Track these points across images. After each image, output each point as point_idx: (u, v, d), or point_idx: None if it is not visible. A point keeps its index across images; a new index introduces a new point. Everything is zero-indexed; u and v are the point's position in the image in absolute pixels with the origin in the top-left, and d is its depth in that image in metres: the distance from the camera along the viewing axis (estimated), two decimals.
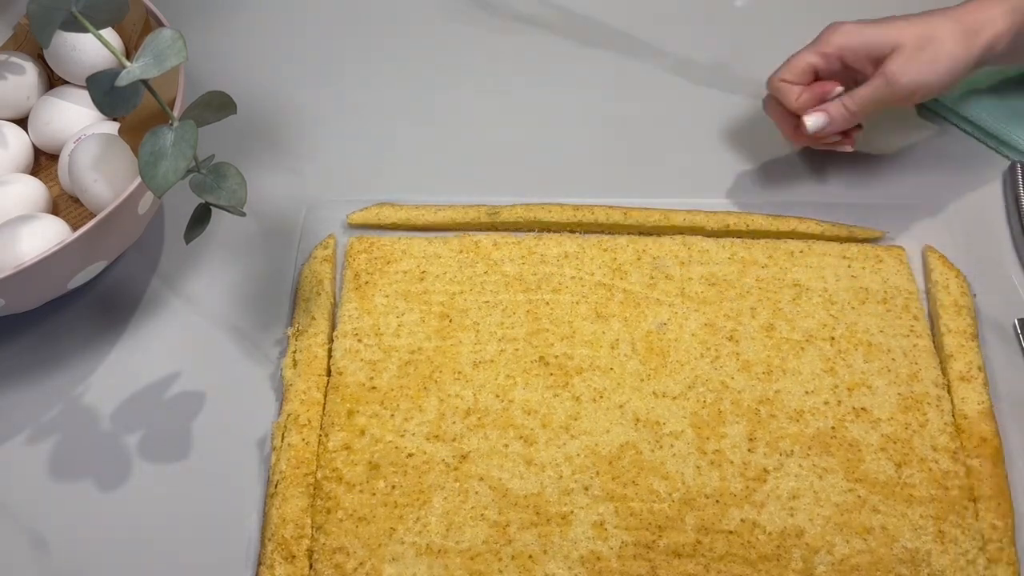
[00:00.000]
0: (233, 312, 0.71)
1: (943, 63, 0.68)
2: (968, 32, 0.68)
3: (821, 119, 0.71)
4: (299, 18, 0.89)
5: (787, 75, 0.72)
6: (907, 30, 0.68)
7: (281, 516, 0.61)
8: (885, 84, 0.68)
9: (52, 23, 0.59)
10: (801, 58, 0.72)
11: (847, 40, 0.70)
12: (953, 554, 0.59)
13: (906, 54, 0.68)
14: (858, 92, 0.70)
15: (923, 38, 0.68)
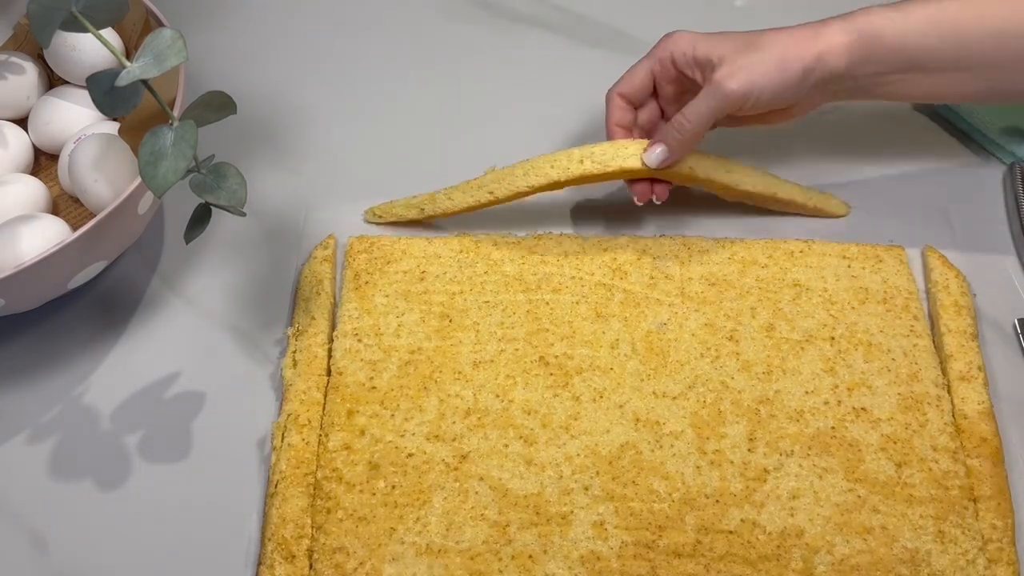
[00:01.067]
0: (233, 312, 0.71)
1: (770, 64, 0.65)
2: (800, 40, 0.65)
3: (659, 151, 0.67)
4: (299, 18, 0.89)
5: (624, 87, 0.71)
6: (736, 39, 0.67)
7: (281, 516, 0.61)
8: (713, 92, 0.65)
9: (52, 23, 0.59)
10: (639, 67, 0.70)
11: (679, 46, 0.68)
12: (953, 554, 0.59)
13: (731, 59, 0.65)
14: (689, 106, 0.67)
15: (749, 44, 0.66)
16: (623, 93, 0.71)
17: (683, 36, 0.68)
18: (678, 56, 0.68)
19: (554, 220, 0.74)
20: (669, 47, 0.69)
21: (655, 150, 0.67)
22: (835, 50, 0.65)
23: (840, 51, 0.65)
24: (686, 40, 0.68)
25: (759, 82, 0.65)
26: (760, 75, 0.65)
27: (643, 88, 0.70)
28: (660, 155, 0.67)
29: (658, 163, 0.67)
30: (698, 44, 0.67)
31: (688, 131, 0.66)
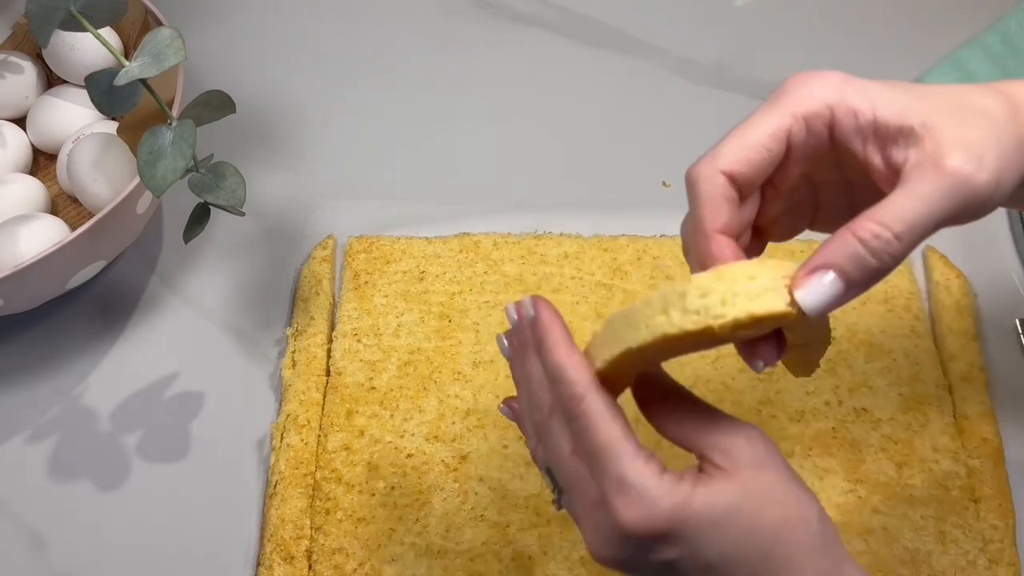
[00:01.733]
0: (232, 312, 0.71)
1: (1011, 136, 0.40)
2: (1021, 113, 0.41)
3: (829, 282, 0.38)
4: (299, 17, 0.89)
5: (736, 161, 0.41)
6: (935, 94, 0.41)
7: (280, 517, 0.61)
8: (947, 182, 0.38)
9: (51, 22, 0.59)
10: (757, 127, 0.42)
11: (841, 99, 0.41)
12: (954, 555, 0.59)
13: (947, 128, 0.39)
14: (890, 206, 0.38)
15: (963, 107, 0.41)
16: (734, 173, 0.41)
17: (836, 80, 0.42)
18: (842, 117, 0.41)
19: (554, 220, 0.74)
20: (819, 98, 0.41)
21: (821, 280, 0.38)
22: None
23: None
24: (851, 90, 0.41)
25: (1007, 166, 0.40)
26: (1005, 154, 0.40)
27: (765, 164, 0.42)
28: (833, 289, 0.38)
29: (828, 303, 0.38)
30: (878, 99, 0.41)
31: (893, 248, 0.38)
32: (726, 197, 0.41)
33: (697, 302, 0.39)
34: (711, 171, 0.41)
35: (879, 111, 0.40)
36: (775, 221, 0.46)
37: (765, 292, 0.38)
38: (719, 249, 0.42)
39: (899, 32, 0.85)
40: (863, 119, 0.40)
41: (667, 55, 0.85)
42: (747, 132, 0.41)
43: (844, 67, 0.82)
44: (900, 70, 0.82)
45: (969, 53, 0.80)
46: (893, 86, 0.41)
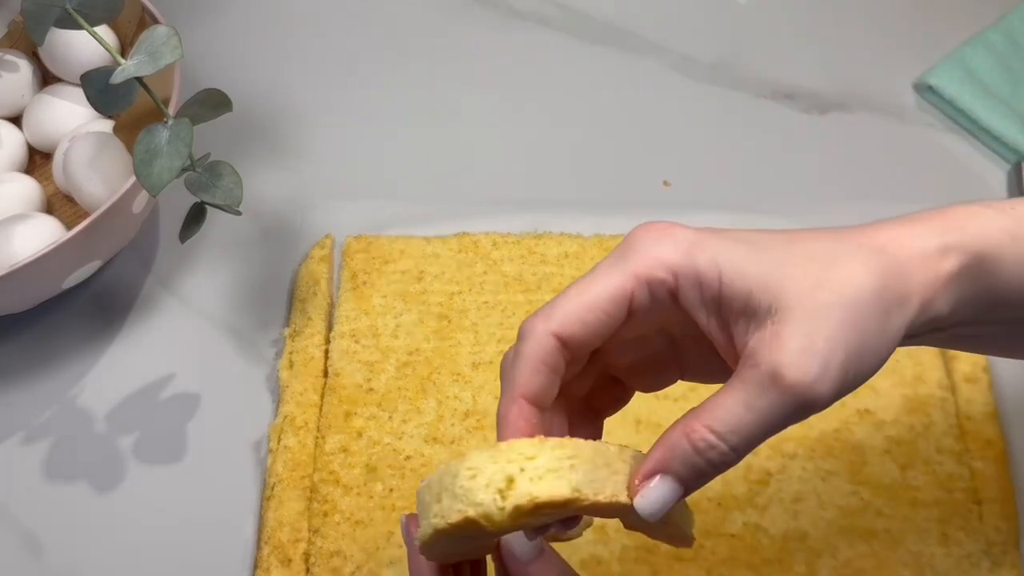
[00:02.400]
0: (229, 312, 0.71)
1: (867, 322, 0.37)
2: (893, 269, 0.38)
3: (665, 489, 0.37)
4: (297, 15, 0.89)
5: (565, 319, 0.38)
6: (792, 256, 0.37)
7: (277, 519, 0.60)
8: (784, 392, 0.35)
9: (47, 20, 0.59)
10: (602, 284, 0.38)
11: (690, 263, 0.37)
12: (957, 557, 0.59)
13: (798, 309, 0.36)
14: (723, 406, 0.36)
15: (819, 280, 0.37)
16: (566, 336, 0.38)
17: (685, 243, 0.38)
18: (685, 287, 0.38)
19: (554, 220, 0.74)
20: (664, 261, 0.38)
21: (657, 488, 0.37)
22: (941, 287, 0.39)
23: (947, 288, 0.39)
24: (700, 255, 0.38)
25: (852, 361, 0.36)
26: (855, 348, 0.36)
27: (602, 329, 0.38)
28: (669, 494, 0.37)
29: (665, 507, 0.37)
30: (727, 269, 0.37)
31: (728, 457, 0.36)
32: (550, 364, 0.38)
33: (467, 484, 0.35)
34: (542, 332, 0.38)
35: (725, 285, 0.37)
36: (633, 370, 0.43)
37: (547, 474, 0.35)
38: (515, 418, 0.38)
39: (902, 30, 0.85)
40: (707, 293, 0.37)
41: (669, 53, 0.85)
42: (586, 290, 0.38)
43: (846, 66, 0.83)
44: (903, 69, 0.82)
45: (972, 51, 0.80)
46: (749, 249, 0.37)
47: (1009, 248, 0.39)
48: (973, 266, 0.39)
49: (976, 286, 0.39)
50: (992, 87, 0.79)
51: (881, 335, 0.37)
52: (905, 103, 0.81)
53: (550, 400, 0.39)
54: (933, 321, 0.39)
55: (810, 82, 0.82)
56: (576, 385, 0.42)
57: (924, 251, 0.38)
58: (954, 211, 0.40)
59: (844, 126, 0.80)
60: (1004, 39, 0.81)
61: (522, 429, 0.38)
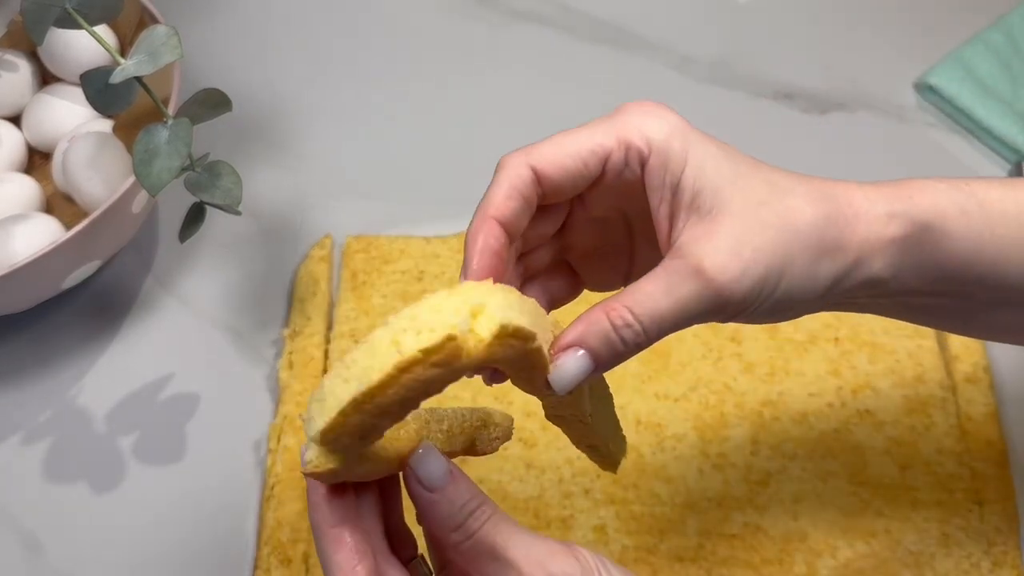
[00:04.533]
0: (228, 312, 0.71)
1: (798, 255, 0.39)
2: (835, 222, 0.40)
3: (580, 364, 0.38)
4: (296, 15, 0.89)
5: (546, 157, 0.40)
6: (752, 180, 0.40)
7: (277, 519, 0.60)
8: (698, 282, 0.38)
9: (46, 20, 0.59)
10: (586, 136, 0.41)
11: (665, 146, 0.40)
12: (957, 557, 0.59)
13: (736, 219, 0.39)
14: (642, 289, 0.38)
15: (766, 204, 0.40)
16: (544, 173, 0.40)
17: (669, 126, 0.40)
18: (653, 164, 0.40)
19: None
20: (646, 134, 0.40)
21: (571, 360, 0.38)
22: (881, 248, 0.41)
23: (887, 250, 0.41)
24: (676, 143, 0.40)
25: (771, 278, 0.39)
26: (777, 267, 0.39)
27: (578, 177, 0.41)
28: (582, 366, 0.38)
29: (577, 379, 0.39)
30: (693, 163, 0.40)
31: (641, 339, 0.39)
32: (524, 193, 0.40)
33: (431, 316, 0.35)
34: (520, 162, 0.40)
35: (684, 176, 0.39)
36: (588, 261, 0.44)
37: (508, 310, 0.35)
38: (485, 237, 0.40)
39: (902, 30, 0.85)
40: (668, 177, 0.39)
41: (669, 53, 0.85)
42: (570, 138, 0.40)
43: (846, 66, 0.83)
44: (903, 68, 0.82)
45: (973, 51, 0.80)
46: (719, 155, 0.40)
47: (957, 221, 0.41)
48: (917, 234, 0.41)
49: (920, 255, 0.41)
50: (992, 87, 0.79)
51: (808, 270, 0.39)
52: (905, 103, 0.81)
53: (519, 230, 0.41)
54: (872, 282, 0.41)
55: (810, 82, 0.82)
56: (535, 259, 0.44)
57: (871, 212, 0.41)
58: (908, 183, 0.42)
59: (844, 126, 0.80)
60: (1004, 38, 0.81)
61: (491, 247, 0.40)
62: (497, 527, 0.39)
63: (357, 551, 0.39)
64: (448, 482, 0.39)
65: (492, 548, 0.39)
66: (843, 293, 0.41)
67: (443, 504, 0.39)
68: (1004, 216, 0.42)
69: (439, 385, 0.35)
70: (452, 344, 0.34)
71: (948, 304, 0.44)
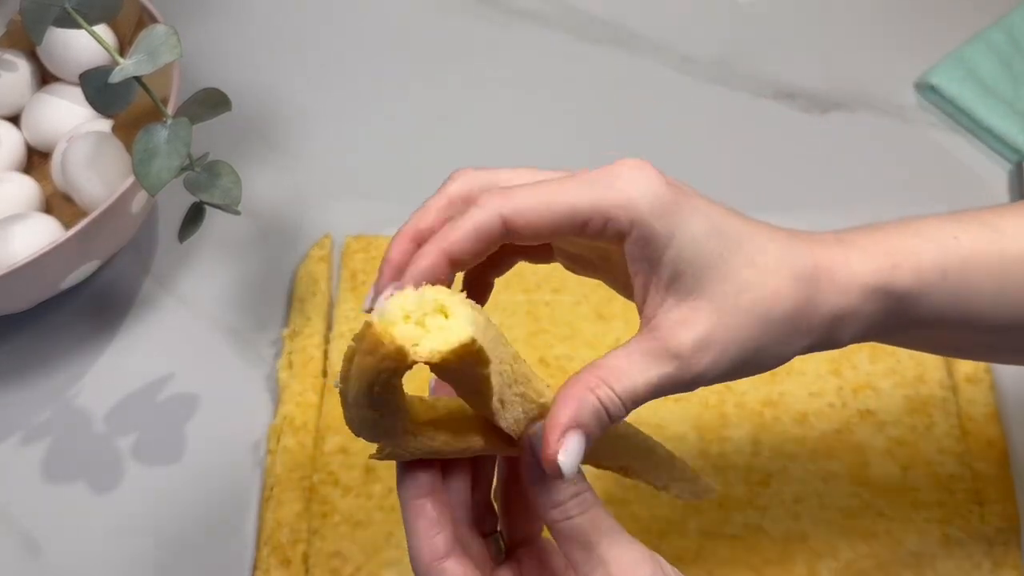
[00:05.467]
0: (228, 313, 0.70)
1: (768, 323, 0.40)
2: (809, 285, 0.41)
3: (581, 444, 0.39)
4: (296, 14, 0.89)
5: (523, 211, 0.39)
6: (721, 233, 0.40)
7: (276, 520, 0.60)
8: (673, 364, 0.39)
9: (45, 19, 0.59)
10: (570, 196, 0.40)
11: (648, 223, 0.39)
12: (958, 558, 0.59)
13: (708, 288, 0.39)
14: (619, 363, 0.40)
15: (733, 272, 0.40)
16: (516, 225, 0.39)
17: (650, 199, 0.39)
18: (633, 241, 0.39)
19: None
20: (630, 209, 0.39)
21: (574, 442, 0.39)
22: (854, 322, 0.42)
23: (860, 323, 0.42)
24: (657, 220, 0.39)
25: (744, 360, 0.40)
26: (751, 351, 0.40)
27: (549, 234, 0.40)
28: (581, 447, 0.39)
29: (578, 462, 0.39)
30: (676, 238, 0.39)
31: (622, 413, 0.40)
32: (488, 242, 0.40)
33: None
34: (494, 211, 0.39)
35: (665, 258, 0.39)
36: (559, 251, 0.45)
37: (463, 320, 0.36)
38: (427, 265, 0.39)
39: (903, 29, 0.85)
40: (649, 255, 0.39)
41: (669, 52, 0.85)
42: (551, 196, 0.40)
43: (847, 66, 0.83)
44: (903, 68, 0.81)
45: (974, 51, 0.80)
46: (704, 234, 0.39)
47: (936, 287, 0.42)
48: (893, 305, 0.42)
49: (889, 321, 0.42)
50: (993, 86, 0.79)
51: (780, 349, 0.41)
52: (906, 102, 0.81)
53: (465, 267, 0.41)
54: (832, 345, 0.43)
55: (810, 82, 0.81)
56: None
57: (850, 290, 0.41)
58: (896, 240, 0.43)
59: (845, 126, 0.80)
60: (1005, 38, 0.81)
61: (435, 275, 0.39)
62: (597, 518, 0.40)
63: (437, 521, 0.41)
64: (581, 478, 0.40)
65: (587, 538, 0.40)
66: (810, 352, 0.43)
67: (551, 479, 0.40)
68: (985, 269, 0.43)
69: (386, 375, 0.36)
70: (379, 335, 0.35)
71: (917, 344, 0.47)
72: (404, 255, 0.41)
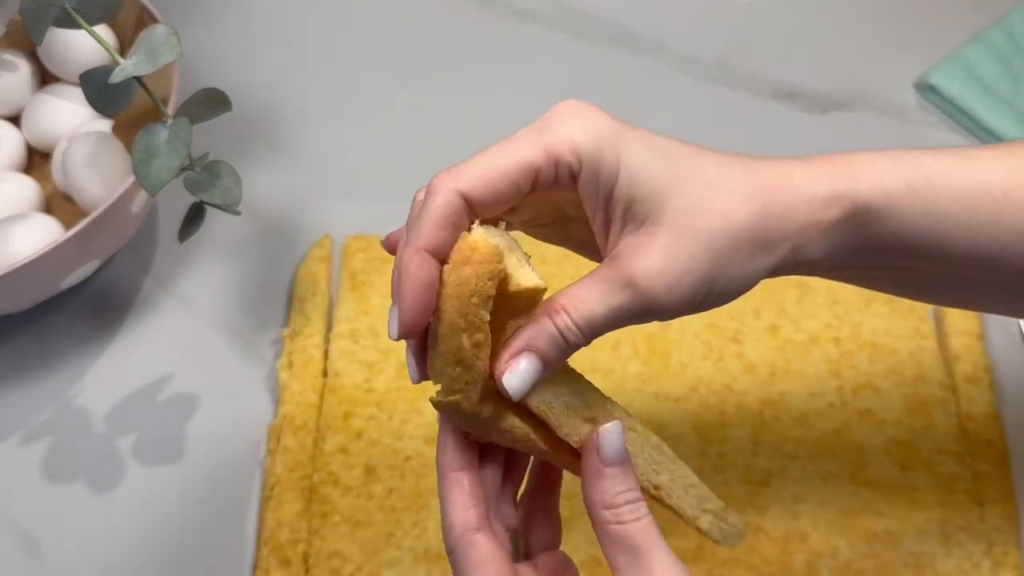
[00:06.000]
0: (228, 313, 0.70)
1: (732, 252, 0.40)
2: (773, 208, 0.40)
3: (532, 366, 0.40)
4: (295, 14, 0.89)
5: (475, 180, 0.39)
6: (684, 174, 0.40)
7: (276, 520, 0.60)
8: (632, 291, 0.39)
9: (45, 20, 0.59)
10: (514, 153, 0.40)
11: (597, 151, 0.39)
12: (958, 557, 0.59)
13: (671, 223, 0.39)
14: (581, 293, 0.40)
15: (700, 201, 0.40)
16: (473, 197, 0.40)
17: (597, 128, 0.40)
18: (586, 175, 0.40)
19: None
20: (575, 143, 0.39)
21: (526, 362, 0.40)
22: (819, 234, 0.41)
23: (825, 235, 0.41)
24: (608, 145, 0.39)
25: (704, 285, 0.40)
26: (710, 274, 0.40)
27: (509, 197, 0.40)
28: (533, 369, 0.40)
29: (526, 383, 0.40)
30: (626, 168, 0.39)
31: (579, 339, 0.40)
32: (454, 221, 0.39)
33: None
34: (449, 189, 0.39)
35: (617, 187, 0.39)
36: (527, 227, 0.45)
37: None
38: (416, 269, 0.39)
39: (903, 29, 0.85)
40: (602, 187, 0.39)
41: (670, 52, 0.85)
42: (497, 156, 0.40)
43: (847, 66, 0.82)
44: (904, 68, 0.81)
45: (974, 51, 0.80)
46: (653, 159, 0.40)
47: (902, 200, 0.41)
48: (858, 216, 0.41)
49: (858, 236, 0.41)
50: (993, 86, 0.79)
51: (743, 269, 0.40)
52: (906, 102, 0.81)
53: (445, 255, 0.40)
54: (803, 263, 0.42)
55: (811, 82, 0.81)
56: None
57: (811, 197, 0.40)
58: (853, 157, 0.42)
59: (845, 126, 0.80)
60: (1005, 38, 0.81)
61: (423, 281, 0.39)
62: (650, 531, 0.41)
63: (472, 495, 0.42)
64: (621, 463, 0.41)
65: (637, 547, 0.40)
66: (783, 273, 0.42)
67: (609, 480, 0.40)
68: (951, 190, 0.41)
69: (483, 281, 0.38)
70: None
71: (889, 277, 0.45)
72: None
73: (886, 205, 0.41)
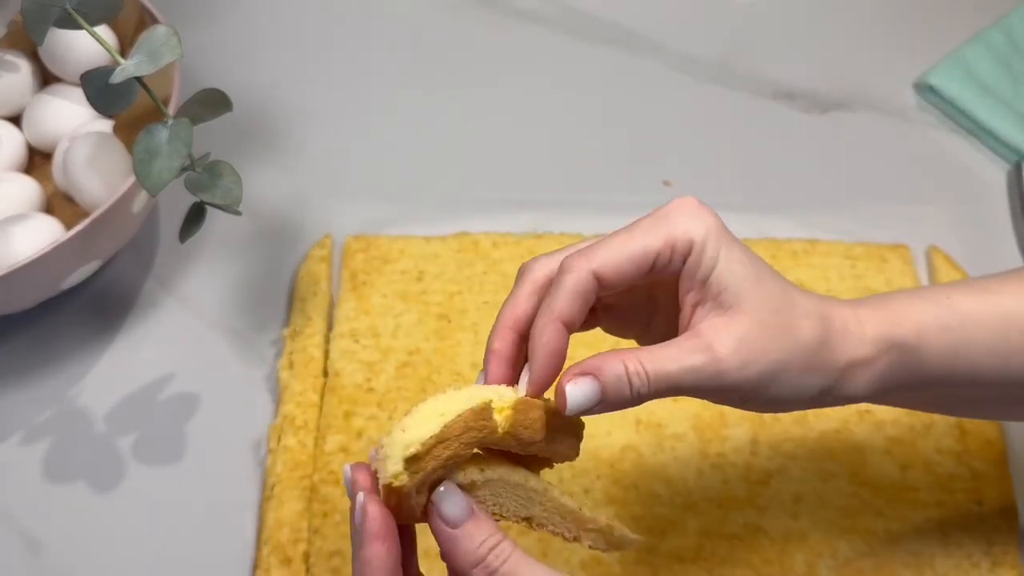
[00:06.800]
0: (229, 313, 0.70)
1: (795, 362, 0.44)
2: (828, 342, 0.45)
3: (591, 391, 0.42)
4: (296, 14, 0.89)
5: (608, 262, 0.43)
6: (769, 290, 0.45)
7: (277, 520, 0.60)
8: (709, 362, 0.43)
9: (46, 20, 0.59)
10: (643, 240, 0.44)
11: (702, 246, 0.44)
12: (957, 557, 0.59)
13: (750, 321, 0.43)
14: (660, 353, 0.43)
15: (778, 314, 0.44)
16: (604, 277, 0.44)
17: (704, 228, 0.44)
18: (693, 259, 0.44)
19: (554, 219, 0.74)
20: (691, 235, 0.44)
21: (587, 381, 0.42)
22: (864, 371, 0.46)
23: (869, 371, 0.46)
24: (711, 243, 0.44)
25: (767, 376, 0.44)
26: (773, 369, 0.44)
27: (633, 277, 0.44)
28: (592, 394, 0.42)
29: (584, 405, 0.42)
30: (722, 264, 0.44)
31: (644, 391, 0.43)
32: (586, 297, 0.43)
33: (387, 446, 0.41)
34: (584, 268, 0.43)
35: (714, 275, 0.44)
36: (608, 311, 0.48)
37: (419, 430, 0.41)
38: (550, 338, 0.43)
39: (902, 30, 0.85)
40: (700, 272, 0.44)
41: (670, 53, 0.85)
42: (625, 242, 0.44)
43: (847, 66, 0.83)
44: (903, 69, 0.82)
45: (973, 51, 0.80)
46: (745, 260, 0.44)
47: (937, 339, 0.46)
48: (898, 357, 0.46)
49: (899, 373, 0.47)
50: (992, 87, 0.79)
51: (799, 380, 0.44)
52: (906, 103, 0.81)
53: (578, 326, 0.44)
54: (848, 396, 0.46)
55: (810, 82, 0.82)
56: None
57: (859, 336, 0.46)
58: (895, 301, 0.47)
59: (845, 126, 0.80)
60: (1004, 39, 0.81)
61: (556, 349, 0.43)
62: (518, 565, 0.41)
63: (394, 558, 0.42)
64: (468, 518, 0.42)
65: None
66: (828, 402, 0.46)
67: (464, 540, 0.41)
68: (979, 325, 0.47)
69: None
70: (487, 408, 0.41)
71: (930, 402, 0.52)
72: (507, 345, 0.45)
73: (923, 344, 0.46)
